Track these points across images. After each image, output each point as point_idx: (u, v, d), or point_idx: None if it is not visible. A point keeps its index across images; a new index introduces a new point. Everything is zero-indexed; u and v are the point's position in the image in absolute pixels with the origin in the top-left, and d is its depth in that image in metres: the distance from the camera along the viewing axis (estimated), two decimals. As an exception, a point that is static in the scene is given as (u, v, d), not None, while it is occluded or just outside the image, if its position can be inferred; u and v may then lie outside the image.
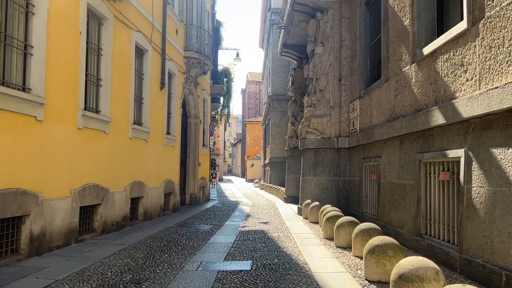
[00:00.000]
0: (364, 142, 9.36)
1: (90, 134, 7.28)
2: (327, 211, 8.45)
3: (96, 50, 7.76)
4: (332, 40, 11.44)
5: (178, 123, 12.57)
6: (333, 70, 11.40)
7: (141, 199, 9.74)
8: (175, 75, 12.25)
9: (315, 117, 11.41)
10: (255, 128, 54.01)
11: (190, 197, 14.55)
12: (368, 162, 9.24)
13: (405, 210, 6.91)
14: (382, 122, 8.38)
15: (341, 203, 10.88)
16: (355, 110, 10.39)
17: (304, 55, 16.20)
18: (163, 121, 11.14)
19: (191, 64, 13.20)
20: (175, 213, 11.93)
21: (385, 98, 8.23)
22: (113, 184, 8.15)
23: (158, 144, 10.76)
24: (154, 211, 10.46)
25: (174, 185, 12.16)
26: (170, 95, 12.06)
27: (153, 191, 10.40)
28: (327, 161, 11.25)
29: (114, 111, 8.13)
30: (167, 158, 11.54)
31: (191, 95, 14.27)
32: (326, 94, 11.40)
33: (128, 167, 8.87)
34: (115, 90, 8.21)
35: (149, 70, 10.06)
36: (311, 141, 11.45)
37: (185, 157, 14.42)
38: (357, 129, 10.18)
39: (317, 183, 11.27)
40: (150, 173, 10.17)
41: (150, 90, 10.11)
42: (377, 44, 9.25)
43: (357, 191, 9.97)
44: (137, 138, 9.35)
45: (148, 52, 10.03)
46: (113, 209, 8.16)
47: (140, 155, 9.57)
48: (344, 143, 10.97)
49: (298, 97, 16.37)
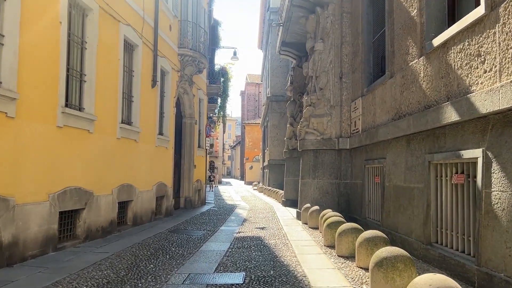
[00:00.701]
0: (367, 143, 8.82)
1: (71, 133, 6.72)
2: (328, 217, 7.89)
3: (80, 43, 7.21)
4: (333, 36, 10.91)
5: (171, 123, 12.02)
6: (334, 67, 10.87)
7: (130, 203, 9.18)
8: (169, 73, 11.70)
9: (315, 116, 10.87)
10: (254, 130, 53.50)
11: (184, 201, 13.99)
12: (371, 164, 8.69)
13: (413, 216, 6.36)
14: (386, 121, 7.85)
15: (342, 207, 10.33)
16: (357, 109, 9.86)
17: (303, 54, 15.69)
18: (155, 120, 10.59)
19: (185, 62, 12.66)
20: (167, 218, 11.36)
21: (389, 95, 7.69)
22: (98, 187, 7.60)
23: (149, 145, 10.21)
24: (144, 216, 9.90)
25: (167, 188, 11.60)
26: (163, 94, 11.52)
27: (144, 194, 9.85)
28: (327, 163, 10.70)
29: (99, 109, 7.59)
30: (160, 159, 10.99)
31: (186, 95, 13.72)
32: (326, 92, 10.86)
33: (115, 169, 8.32)
34: (101, 87, 7.66)
35: (139, 66, 9.52)
36: (310, 142, 10.91)
37: (180, 159, 13.87)
38: (359, 129, 9.65)
39: (317, 186, 10.72)
40: (140, 175, 9.61)
41: (140, 87, 9.57)
42: (380, 39, 8.73)
43: (359, 194, 9.43)
44: (126, 138, 8.80)
45: (139, 47, 9.49)
46: (98, 214, 7.60)
47: (129, 156, 9.02)
48: (345, 144, 10.43)
49: (297, 97, 15.84)
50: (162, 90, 11.48)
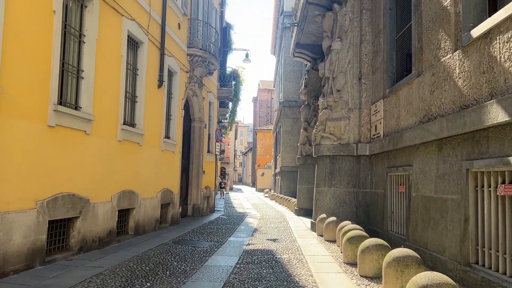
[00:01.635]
0: (390, 149, 8.05)
1: (65, 134, 6.11)
2: (347, 229, 7.13)
3: (77, 36, 6.62)
4: (351, 35, 10.20)
5: (179, 127, 11.39)
6: (352, 67, 10.14)
7: (132, 211, 8.53)
8: (177, 73, 11.10)
9: (332, 120, 10.13)
10: (266, 136, 52.81)
11: (192, 208, 13.32)
12: (394, 171, 7.92)
13: (446, 232, 5.57)
14: (413, 124, 7.08)
15: (361, 219, 9.54)
16: (378, 112, 9.10)
17: (319, 56, 14.99)
18: (160, 123, 9.97)
19: (195, 62, 12.05)
20: (173, 227, 10.69)
21: (417, 95, 6.94)
22: (95, 194, 6.96)
23: (154, 149, 9.58)
24: (148, 225, 9.24)
25: (173, 195, 10.94)
26: (170, 95, 10.90)
27: (147, 201, 9.20)
28: (344, 170, 9.94)
29: (98, 109, 6.98)
30: (165, 164, 10.34)
31: (195, 97, 13.10)
32: (344, 94, 10.12)
33: (116, 174, 7.69)
34: (100, 85, 7.06)
35: (144, 64, 8.92)
36: (326, 148, 10.16)
37: (188, 164, 13.22)
38: (381, 134, 8.88)
39: (334, 195, 9.96)
40: (143, 181, 8.97)
41: (145, 87, 8.96)
42: (405, 35, 7.99)
43: (381, 205, 8.64)
44: (128, 141, 8.18)
45: (144, 44, 8.89)
46: (95, 223, 6.96)
47: (132, 160, 8.39)
48: (365, 150, 9.66)
49: (311, 100, 15.13)
50: (170, 91, 10.86)
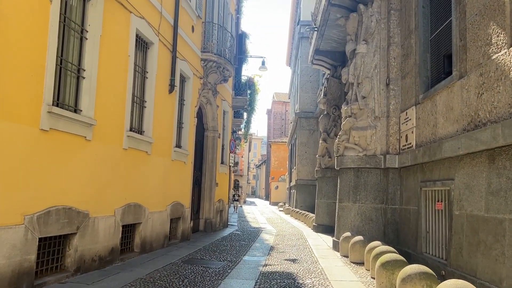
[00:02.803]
0: (425, 160, 7.17)
1: (61, 139, 5.42)
2: (379, 252, 6.26)
3: (79, 32, 5.98)
4: (378, 37, 9.41)
5: (191, 135, 10.68)
6: (379, 72, 9.33)
7: (138, 226, 7.78)
8: (189, 78, 10.43)
9: (356, 129, 9.30)
10: (281, 149, 52.03)
11: (204, 223, 12.53)
12: (430, 186, 7.04)
13: (503, 258, 4.68)
14: (454, 132, 6.23)
15: (389, 238, 8.63)
16: (410, 121, 8.25)
17: (339, 63, 14.24)
18: (171, 131, 9.26)
19: (209, 68, 11.39)
20: (183, 243, 9.90)
21: (459, 100, 6.10)
22: (96, 207, 6.24)
23: (164, 158, 8.86)
24: (155, 241, 8.48)
25: (184, 209, 10.18)
26: (182, 102, 10.22)
27: (155, 216, 8.45)
28: (371, 184, 9.07)
29: (101, 113, 6.29)
30: (176, 175, 9.61)
31: (209, 105, 12.42)
32: (370, 101, 9.30)
33: (120, 185, 6.97)
34: (104, 86, 6.39)
35: (154, 67, 8.26)
36: (350, 159, 9.32)
37: (200, 176, 12.49)
38: (413, 144, 8.02)
39: (358, 211, 9.07)
40: (151, 193, 8.24)
41: (155, 91, 8.28)
42: (442, 34, 7.17)
43: (413, 224, 7.74)
44: (135, 149, 7.47)
45: (154, 45, 8.25)
46: (95, 240, 6.22)
47: (139, 170, 7.68)
48: (394, 162, 8.78)
49: (331, 110, 14.31)
50: (182, 97, 10.19)
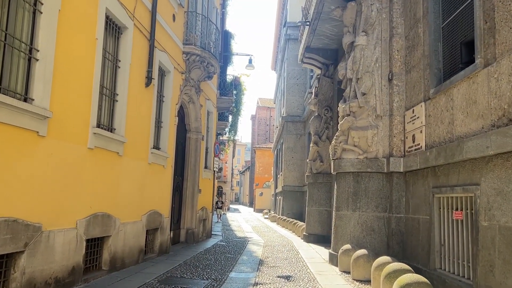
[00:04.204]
0: (439, 163, 6.26)
1: (6, 136, 4.31)
2: (392, 270, 5.29)
3: (31, 3, 4.88)
4: (379, 28, 8.53)
5: (171, 136, 9.59)
6: (381, 67, 8.44)
7: (107, 240, 6.65)
8: (170, 72, 9.36)
9: (356, 129, 8.36)
10: (265, 154, 51.12)
11: (186, 233, 11.40)
12: (446, 192, 6.12)
13: (558, 283, 3.75)
14: (479, 129, 5.33)
15: (394, 251, 7.68)
16: (417, 119, 7.35)
17: (332, 61, 13.37)
18: (148, 130, 8.17)
19: (192, 62, 10.35)
20: (162, 257, 8.77)
21: (485, 91, 5.20)
22: (52, 219, 5.12)
23: (139, 161, 7.76)
24: (128, 257, 7.35)
25: (163, 218, 9.06)
26: (161, 98, 9.14)
27: (129, 227, 7.33)
28: (372, 191, 8.13)
29: (59, 103, 5.20)
30: (153, 181, 8.51)
31: (192, 104, 11.35)
32: (370, 98, 8.39)
33: (84, 191, 5.86)
34: (64, 71, 5.30)
35: (128, 55, 7.18)
36: (349, 163, 8.37)
37: (182, 182, 11.38)
38: (422, 145, 7.11)
39: (359, 221, 8.11)
40: (124, 201, 7.13)
41: (129, 84, 7.20)
42: (459, 19, 6.30)
43: (424, 235, 6.80)
44: (103, 149, 6.37)
45: (129, 30, 7.18)
46: (50, 259, 5.09)
47: (108, 174, 6.57)
48: (398, 166, 7.86)
49: (323, 111, 13.40)
50: (161, 93, 9.11)
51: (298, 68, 25.50)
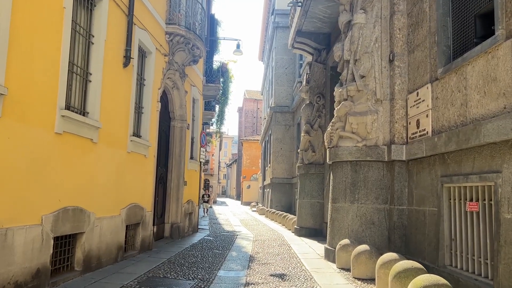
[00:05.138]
0: (450, 149, 5.66)
1: None
2: (402, 269, 4.69)
3: (-20, -42, 4.10)
4: (379, 5, 7.89)
5: (154, 123, 8.84)
6: (381, 47, 7.81)
7: (80, 237, 5.92)
8: (151, 53, 8.59)
9: (354, 115, 7.73)
10: (253, 147, 50.48)
11: (170, 228, 10.69)
12: (457, 182, 5.53)
13: None
14: (500, 110, 4.73)
15: (396, 246, 7.10)
16: (422, 102, 6.74)
17: (324, 46, 12.71)
18: (127, 115, 7.41)
19: (176, 44, 9.57)
20: (143, 255, 8.06)
21: (509, 66, 4.59)
22: (10, 215, 4.37)
23: (116, 150, 7.00)
24: (105, 255, 6.62)
25: (145, 212, 8.33)
26: (142, 81, 8.37)
27: (105, 222, 6.59)
28: (372, 181, 7.53)
29: (17, 80, 4.43)
30: (134, 172, 7.77)
31: (176, 90, 10.58)
32: (370, 81, 7.77)
33: (51, 183, 5.11)
34: (21, 44, 4.52)
35: (103, 31, 6.40)
36: (347, 151, 7.74)
37: (166, 173, 10.64)
38: (428, 131, 6.51)
39: (357, 213, 7.51)
40: (99, 194, 6.38)
41: (104, 62, 6.42)
42: (471, -10, 5.69)
43: (431, 228, 6.22)
44: (74, 135, 5.61)
45: (103, 2, 6.38)
46: (8, 261, 4.35)
47: (80, 163, 5.82)
48: (400, 154, 7.26)
49: (315, 99, 12.75)
50: (141, 75, 8.34)
51: (286, 57, 24.84)
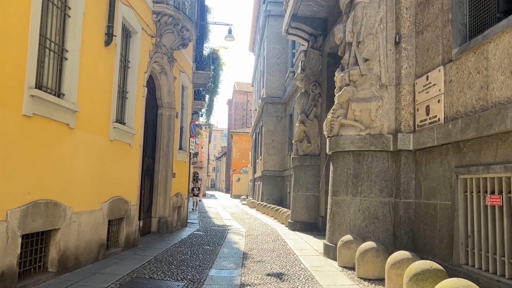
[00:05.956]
0: (468, 137, 5.12)
1: None
2: (420, 270, 4.15)
3: None
4: (384, -18, 7.31)
5: (139, 110, 8.16)
6: (386, 28, 7.24)
7: (54, 234, 5.26)
8: (137, 33, 7.89)
9: (357, 101, 7.15)
10: (243, 139, 49.81)
11: (158, 222, 10.05)
12: (476, 172, 5.00)
13: None
14: (530, 91, 4.18)
15: (402, 242, 6.58)
16: (433, 87, 6.19)
17: (320, 31, 12.10)
18: (109, 99, 6.73)
19: (164, 24, 8.88)
20: (128, 252, 7.43)
21: (542, 41, 4.04)
22: (-35, 209, 3.71)
23: (97, 137, 6.33)
24: (84, 253, 5.97)
25: (129, 206, 7.69)
26: (126, 63, 7.68)
27: (84, 217, 5.94)
28: (376, 172, 6.98)
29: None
30: (117, 162, 7.11)
31: (164, 75, 9.90)
32: (374, 65, 7.19)
33: (18, 172, 4.45)
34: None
35: (81, 2, 5.69)
36: (349, 140, 7.18)
37: (153, 164, 9.99)
38: (439, 117, 5.97)
39: (360, 207, 6.97)
40: (77, 186, 5.73)
41: (82, 38, 5.73)
42: (493, -40, 5.12)
43: (443, 224, 5.69)
44: (46, 119, 4.94)
45: (81, -29, 5.69)
46: (-36, 264, 3.70)
47: (54, 151, 5.15)
48: (407, 143, 6.72)
49: (310, 87, 12.16)
50: (126, 57, 7.65)
51: (279, 47, 24.22)
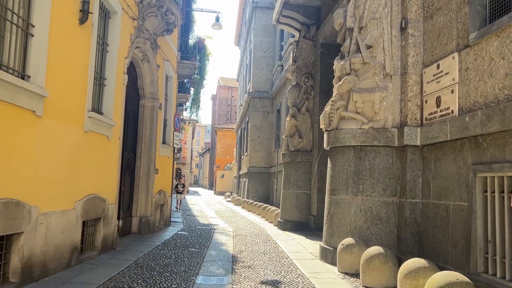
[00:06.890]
0: (490, 130, 4.57)
1: None
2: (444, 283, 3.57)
3: None
4: (389, -37, 6.72)
5: (119, 99, 7.41)
6: (391, 12, 6.66)
7: (16, 239, 4.52)
8: (117, 14, 7.14)
9: (359, 92, 6.55)
10: (227, 135, 49.08)
11: (139, 222, 9.31)
12: (498, 170, 4.45)
13: None
14: None
15: (408, 246, 6.02)
16: (446, 76, 5.63)
17: (313, 21, 11.49)
18: (84, 85, 5.98)
19: (147, 6, 8.13)
20: (105, 256, 6.70)
21: None
22: None
23: (69, 127, 5.59)
24: (54, 260, 5.24)
25: (107, 205, 6.95)
26: (104, 45, 6.92)
27: (53, 218, 5.20)
28: (379, 169, 6.41)
29: None
30: (93, 155, 6.36)
31: (147, 63, 9.14)
32: (377, 53, 6.60)
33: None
34: None
35: (51, -28, 4.94)
36: (350, 134, 6.59)
37: (134, 159, 9.24)
38: (453, 109, 5.41)
39: (362, 207, 6.39)
40: (44, 182, 4.98)
41: (51, 13, 4.97)
42: None
43: (457, 227, 5.15)
44: (8, 104, 4.19)
45: None
46: None
47: (16, 142, 4.41)
48: (414, 138, 6.16)
49: (302, 79, 11.55)
50: (104, 39, 6.88)
51: (266, 40, 23.58)
